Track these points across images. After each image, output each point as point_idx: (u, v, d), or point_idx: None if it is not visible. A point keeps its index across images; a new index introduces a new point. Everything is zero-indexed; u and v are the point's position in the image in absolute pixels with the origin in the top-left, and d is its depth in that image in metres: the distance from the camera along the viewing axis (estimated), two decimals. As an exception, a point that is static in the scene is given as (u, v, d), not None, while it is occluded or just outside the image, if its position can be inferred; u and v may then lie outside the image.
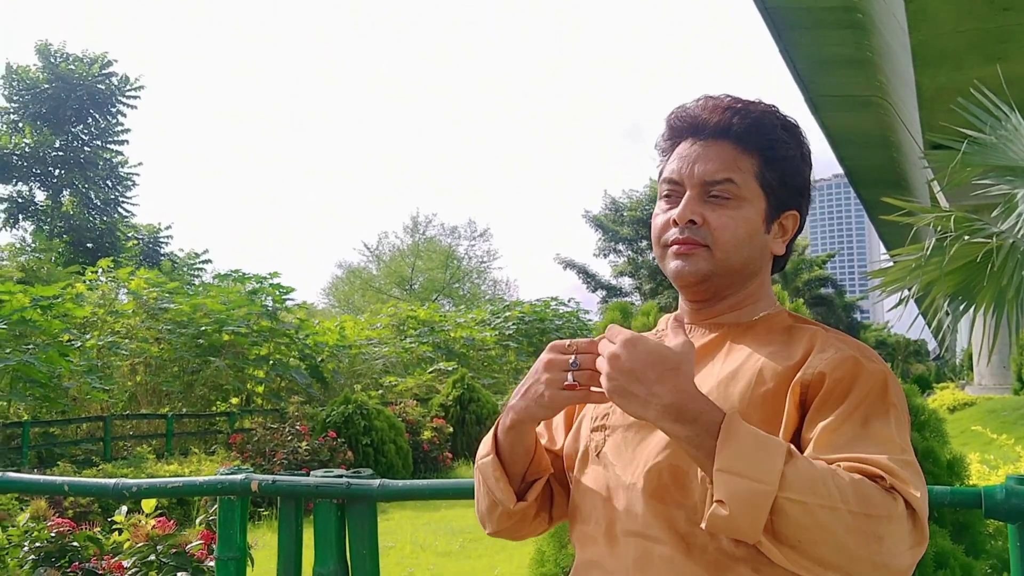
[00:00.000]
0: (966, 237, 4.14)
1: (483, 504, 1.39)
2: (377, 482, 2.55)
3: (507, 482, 1.32)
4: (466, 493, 2.66)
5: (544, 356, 1.23)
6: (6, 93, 34.52)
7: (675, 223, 1.28)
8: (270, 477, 2.68)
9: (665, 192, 1.33)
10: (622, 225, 43.31)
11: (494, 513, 1.37)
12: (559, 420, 1.44)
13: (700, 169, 1.28)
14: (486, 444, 1.35)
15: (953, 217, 4.23)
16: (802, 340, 1.24)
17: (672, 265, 1.28)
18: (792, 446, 1.03)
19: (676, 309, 1.36)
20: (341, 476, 2.61)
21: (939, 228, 4.28)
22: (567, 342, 1.22)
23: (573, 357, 1.19)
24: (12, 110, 34.63)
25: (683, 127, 1.33)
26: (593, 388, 1.17)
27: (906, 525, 1.02)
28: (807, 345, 1.22)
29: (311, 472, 2.71)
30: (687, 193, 1.28)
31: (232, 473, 2.72)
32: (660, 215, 1.32)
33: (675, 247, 1.28)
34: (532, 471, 1.35)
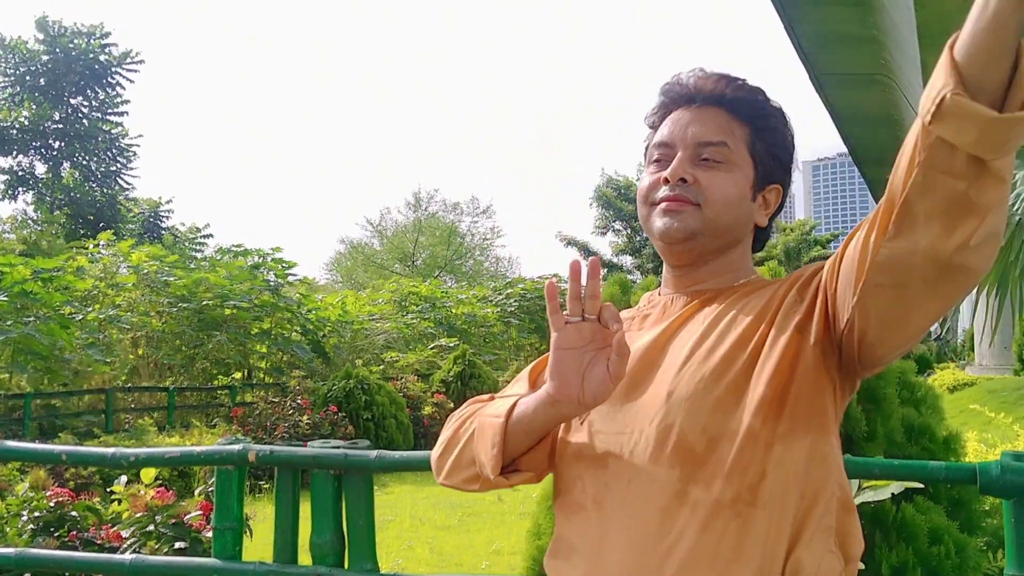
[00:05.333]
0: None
1: (453, 455, 1.33)
2: (374, 453, 2.56)
3: (501, 451, 1.22)
4: (463, 465, 2.67)
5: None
6: (3, 67, 34.35)
7: (666, 181, 1.29)
8: (267, 448, 2.68)
9: (655, 157, 1.34)
10: (627, 202, 43.13)
11: (461, 471, 1.32)
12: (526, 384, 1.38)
13: (694, 131, 1.30)
14: (501, 407, 1.25)
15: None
16: (779, 282, 1.27)
17: (659, 223, 1.29)
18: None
19: None
20: (338, 447, 2.61)
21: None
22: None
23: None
24: (10, 83, 34.47)
25: (677, 96, 1.36)
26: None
27: None
28: (784, 281, 1.26)
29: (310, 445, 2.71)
30: (679, 154, 1.30)
31: (230, 443, 2.73)
32: (648, 177, 1.34)
33: (664, 204, 1.29)
34: (527, 459, 1.26)
